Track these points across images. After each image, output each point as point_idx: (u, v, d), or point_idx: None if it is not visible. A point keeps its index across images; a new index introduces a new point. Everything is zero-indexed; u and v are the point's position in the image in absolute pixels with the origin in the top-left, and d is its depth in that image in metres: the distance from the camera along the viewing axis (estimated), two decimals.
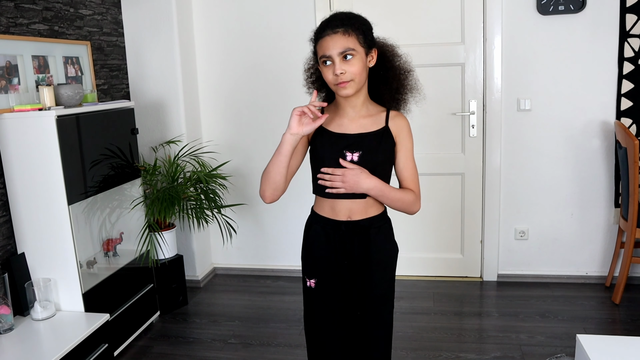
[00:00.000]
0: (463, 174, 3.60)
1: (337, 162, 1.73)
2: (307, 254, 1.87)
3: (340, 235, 1.79)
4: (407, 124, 1.80)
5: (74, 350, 2.32)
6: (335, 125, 1.77)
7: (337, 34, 1.63)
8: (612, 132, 3.41)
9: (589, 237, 3.57)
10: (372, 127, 1.75)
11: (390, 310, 1.89)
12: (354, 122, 1.76)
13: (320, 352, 1.88)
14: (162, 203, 3.04)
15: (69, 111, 2.52)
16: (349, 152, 1.73)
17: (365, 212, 1.78)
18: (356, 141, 1.73)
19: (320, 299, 1.85)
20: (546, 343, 2.86)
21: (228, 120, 3.78)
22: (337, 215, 1.78)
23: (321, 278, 1.84)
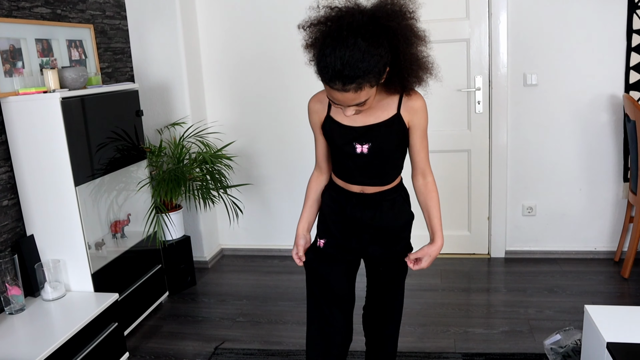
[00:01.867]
0: (469, 151, 3.58)
1: (349, 153, 1.70)
2: (321, 216, 1.88)
3: (352, 205, 1.79)
4: (421, 105, 1.68)
5: (85, 329, 2.35)
6: (344, 115, 1.68)
7: (349, 92, 1.47)
8: (620, 106, 3.37)
9: (597, 212, 3.55)
10: (383, 116, 1.66)
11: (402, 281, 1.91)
12: (363, 112, 1.67)
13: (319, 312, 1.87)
14: (168, 184, 3.05)
15: (73, 93, 2.52)
16: (358, 144, 1.68)
17: (379, 188, 1.78)
18: (365, 133, 1.67)
19: (327, 255, 1.85)
20: (554, 317, 2.85)
21: (232, 101, 3.77)
22: (350, 188, 1.79)
23: (330, 239, 1.84)
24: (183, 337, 2.85)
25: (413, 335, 2.74)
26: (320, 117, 1.75)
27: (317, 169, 1.90)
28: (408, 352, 2.58)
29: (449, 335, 2.74)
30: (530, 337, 2.67)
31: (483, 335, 2.71)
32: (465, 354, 2.55)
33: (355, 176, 1.75)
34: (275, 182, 3.83)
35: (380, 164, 1.73)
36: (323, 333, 1.89)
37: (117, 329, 2.56)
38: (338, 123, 1.71)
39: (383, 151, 1.70)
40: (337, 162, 1.78)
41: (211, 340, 2.80)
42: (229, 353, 2.67)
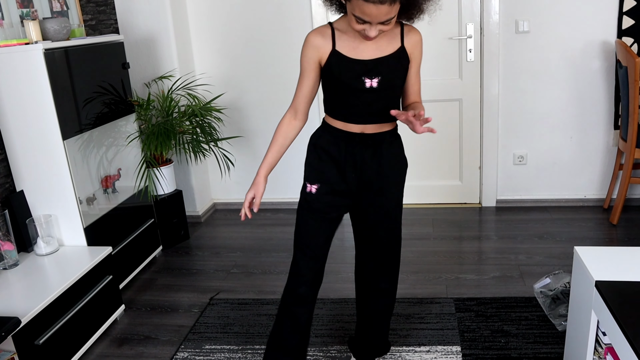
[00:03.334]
0: (461, 100, 3.56)
1: (357, 88, 1.67)
2: (315, 160, 1.82)
3: (352, 146, 1.76)
4: (420, 38, 1.73)
5: (79, 282, 2.36)
6: (350, 49, 1.66)
7: (385, 4, 1.47)
8: (612, 52, 3.34)
9: (588, 160, 3.56)
10: (389, 49, 1.67)
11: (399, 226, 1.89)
12: (370, 44, 1.66)
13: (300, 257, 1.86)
14: (158, 137, 3.01)
15: (56, 44, 2.46)
16: (367, 79, 1.66)
17: (379, 128, 1.76)
18: (374, 66, 1.66)
19: (318, 203, 1.81)
20: (544, 262, 2.90)
21: (221, 52, 3.70)
22: (349, 128, 1.75)
23: (324, 185, 1.80)
24: (178, 289, 2.88)
25: (406, 282, 2.78)
26: (321, 53, 1.69)
27: (290, 111, 1.81)
28: (401, 298, 2.62)
29: (441, 281, 2.78)
30: (521, 282, 2.72)
31: (474, 281, 2.76)
32: (457, 299, 2.59)
33: (358, 114, 1.72)
34: (266, 134, 3.80)
35: (387, 99, 1.71)
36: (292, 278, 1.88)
37: (112, 282, 2.58)
38: (346, 57, 1.66)
39: (392, 85, 1.69)
40: (339, 101, 1.73)
41: (206, 292, 2.83)
42: (224, 303, 2.70)
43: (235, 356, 2.29)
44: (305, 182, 1.86)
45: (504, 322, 2.39)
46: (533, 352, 2.19)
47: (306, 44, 1.71)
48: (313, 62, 1.71)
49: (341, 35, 1.67)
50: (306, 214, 1.84)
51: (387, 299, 1.99)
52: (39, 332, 2.11)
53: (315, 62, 1.71)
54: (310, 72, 1.73)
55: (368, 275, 1.96)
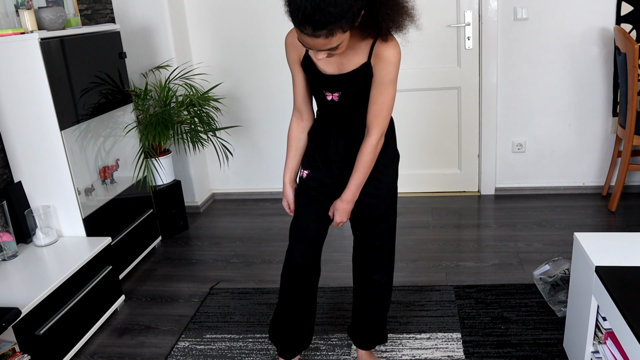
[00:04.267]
0: (459, 88, 3.55)
1: (320, 97, 1.72)
2: (308, 148, 1.89)
3: (333, 136, 1.79)
4: (390, 54, 1.56)
5: (79, 272, 2.35)
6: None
7: (320, 37, 1.40)
8: (611, 39, 3.33)
9: (586, 147, 3.56)
10: (350, 65, 1.60)
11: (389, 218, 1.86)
12: (335, 58, 1.62)
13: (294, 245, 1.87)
14: (156, 127, 3.00)
15: (52, 34, 2.44)
16: (328, 93, 1.68)
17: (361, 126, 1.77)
18: (334, 82, 1.65)
19: (307, 186, 1.86)
20: (543, 250, 2.90)
21: (218, 41, 3.68)
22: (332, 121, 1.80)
23: (313, 170, 1.85)
24: (178, 279, 2.88)
25: (405, 270, 2.79)
26: (299, 52, 1.71)
27: (296, 113, 1.85)
28: (401, 286, 2.63)
29: (440, 269, 2.78)
30: (520, 269, 2.73)
31: (474, 269, 2.76)
32: (457, 286, 2.60)
33: (331, 120, 1.77)
34: (264, 124, 3.79)
35: (353, 110, 1.71)
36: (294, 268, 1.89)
37: (111, 272, 2.57)
38: (313, 66, 1.67)
39: (353, 100, 1.68)
40: (316, 102, 1.79)
41: (206, 282, 2.83)
42: (224, 292, 2.70)
43: (236, 345, 2.29)
44: (301, 168, 1.92)
45: (503, 308, 2.40)
46: (533, 338, 2.19)
47: (286, 45, 1.73)
48: (295, 62, 1.74)
49: None
50: (299, 198, 1.89)
51: (380, 291, 1.97)
52: (39, 322, 2.10)
53: (297, 61, 1.73)
54: (298, 71, 1.76)
55: (362, 267, 1.95)
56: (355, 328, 2.06)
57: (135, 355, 2.28)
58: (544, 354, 2.10)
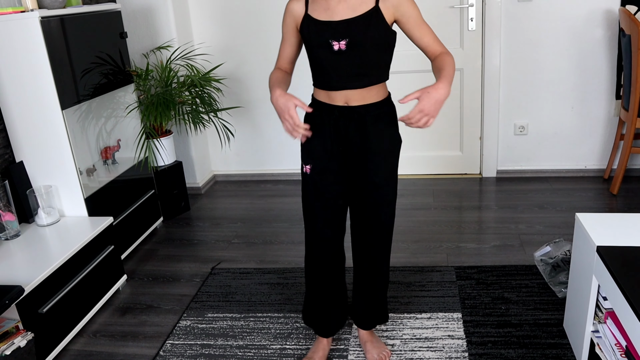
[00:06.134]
0: (462, 70, 3.52)
1: (326, 52, 1.65)
2: (305, 139, 1.83)
3: (334, 120, 1.75)
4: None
5: (81, 252, 2.36)
6: (321, 10, 1.65)
7: None
8: (615, 21, 3.30)
9: (589, 130, 3.55)
10: (361, 9, 1.62)
11: (390, 202, 1.86)
12: (341, 3, 1.63)
13: (315, 238, 1.90)
14: (157, 108, 2.99)
15: (53, 12, 2.42)
16: (335, 41, 1.63)
17: (363, 99, 1.72)
18: (342, 28, 1.62)
19: (314, 184, 1.83)
20: (544, 232, 2.91)
21: (220, 21, 3.65)
22: (333, 100, 1.74)
23: (315, 164, 1.82)
24: (179, 260, 2.89)
25: (407, 251, 2.80)
26: (296, 18, 1.72)
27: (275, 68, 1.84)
28: (402, 267, 2.64)
29: (441, 250, 2.79)
30: (521, 251, 2.73)
31: (475, 250, 2.77)
32: (458, 267, 2.61)
33: (335, 80, 1.69)
34: (266, 105, 3.77)
35: (360, 62, 1.66)
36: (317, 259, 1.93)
37: (113, 252, 2.58)
38: (315, 20, 1.66)
39: (362, 47, 1.63)
40: (317, 66, 1.72)
41: (207, 262, 2.85)
42: (225, 272, 2.71)
43: (237, 324, 2.31)
44: (301, 163, 1.87)
45: (504, 289, 2.41)
46: (533, 318, 2.20)
47: (285, 10, 1.75)
48: (291, 28, 1.76)
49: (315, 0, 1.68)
50: (310, 197, 1.86)
51: (382, 271, 1.98)
52: (42, 301, 2.12)
53: (293, 27, 1.76)
54: (290, 37, 1.79)
55: (360, 251, 1.95)
56: (356, 308, 2.07)
57: (138, 334, 2.30)
58: (544, 333, 2.11)
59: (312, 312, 2.05)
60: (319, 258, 1.93)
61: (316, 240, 1.90)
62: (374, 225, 1.87)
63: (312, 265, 1.96)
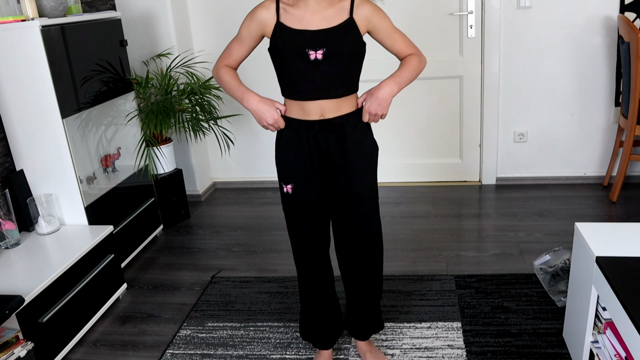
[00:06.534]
0: (461, 77, 3.53)
1: (301, 61, 1.65)
2: (281, 159, 1.81)
3: (313, 135, 1.73)
4: (373, 6, 1.69)
5: (81, 261, 2.36)
6: (296, 20, 1.65)
7: None
8: (614, 28, 3.31)
9: (588, 137, 3.55)
10: (336, 20, 1.64)
11: (375, 211, 1.86)
12: (316, 14, 1.64)
13: (303, 256, 1.91)
14: (157, 116, 3.00)
15: (53, 21, 2.43)
16: (311, 50, 1.63)
17: (339, 110, 1.72)
18: (319, 38, 1.63)
19: (298, 204, 1.83)
20: (544, 240, 2.91)
21: (220, 29, 3.66)
22: (309, 115, 1.71)
23: (297, 183, 1.80)
24: (179, 268, 2.89)
25: (406, 260, 2.80)
26: (265, 27, 1.70)
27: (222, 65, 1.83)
28: (401, 275, 2.64)
29: (441, 259, 2.79)
30: (520, 259, 2.73)
31: (474, 258, 2.77)
32: (457, 275, 2.61)
33: (311, 91, 1.68)
34: None
35: (336, 72, 1.66)
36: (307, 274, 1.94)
37: (113, 261, 2.58)
38: (290, 29, 1.65)
39: (338, 56, 1.64)
40: (290, 78, 1.70)
41: (207, 270, 2.85)
42: (225, 281, 2.72)
43: (237, 333, 2.31)
44: (280, 182, 1.85)
45: (503, 298, 2.41)
46: (533, 327, 2.21)
47: (250, 15, 1.72)
48: (255, 33, 1.73)
49: (286, 7, 1.67)
50: (294, 216, 1.86)
51: (372, 285, 1.96)
52: (42, 310, 2.12)
53: (256, 33, 1.73)
54: (249, 41, 1.77)
55: (350, 263, 1.93)
56: (351, 319, 2.06)
57: (138, 343, 2.30)
58: (543, 343, 2.11)
59: (309, 327, 2.05)
60: (309, 273, 1.94)
61: (305, 257, 1.91)
62: (364, 235, 1.86)
63: (304, 281, 1.96)
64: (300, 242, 1.89)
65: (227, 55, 1.82)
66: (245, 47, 1.79)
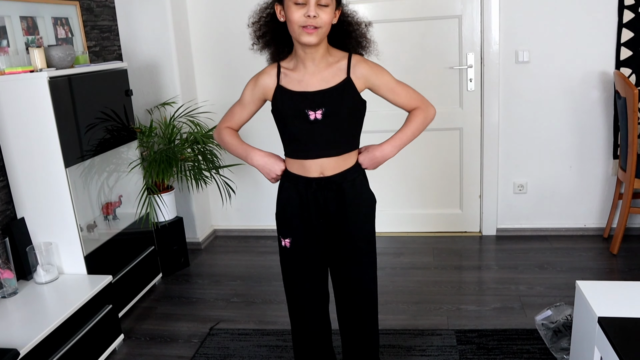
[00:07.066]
0: (461, 129, 3.58)
1: (301, 122, 1.69)
2: (281, 213, 1.83)
3: (312, 192, 1.75)
4: (370, 64, 1.72)
5: (79, 312, 2.34)
6: (295, 82, 1.71)
7: None
8: (611, 83, 3.37)
9: (587, 189, 3.57)
10: (334, 80, 1.68)
11: (373, 264, 1.86)
12: (315, 76, 1.69)
13: (299, 311, 1.90)
14: (160, 165, 3.02)
15: (61, 72, 2.48)
16: (311, 111, 1.67)
17: (338, 167, 1.74)
18: (317, 98, 1.67)
19: (296, 258, 1.83)
20: (545, 293, 2.89)
21: (223, 79, 3.73)
22: (308, 172, 1.74)
23: (295, 237, 1.81)
24: (178, 318, 2.86)
25: (406, 313, 2.77)
26: (266, 90, 1.76)
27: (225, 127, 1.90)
28: (402, 330, 2.61)
29: (441, 312, 2.76)
30: (522, 313, 2.71)
31: (475, 312, 2.74)
32: (458, 330, 2.58)
33: (311, 150, 1.71)
34: None
35: (336, 131, 1.70)
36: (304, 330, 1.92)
37: (111, 311, 2.56)
38: (290, 91, 1.70)
39: (337, 116, 1.68)
40: (291, 137, 1.75)
41: (206, 321, 2.81)
42: (224, 333, 2.68)
43: None
44: (278, 235, 1.87)
45: (505, 355, 2.37)
46: None
47: (253, 80, 1.80)
48: (257, 97, 1.80)
49: (287, 72, 1.73)
50: (292, 270, 1.86)
51: (368, 339, 1.94)
52: None
53: (258, 97, 1.80)
54: (251, 105, 1.83)
55: (346, 316, 1.92)
56: None
57: None
58: None
59: None
60: (306, 329, 1.91)
61: (302, 313, 1.89)
62: (359, 288, 1.85)
63: (300, 337, 1.94)
64: (297, 296, 1.88)
65: (229, 118, 1.87)
66: (247, 111, 1.84)
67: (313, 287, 1.86)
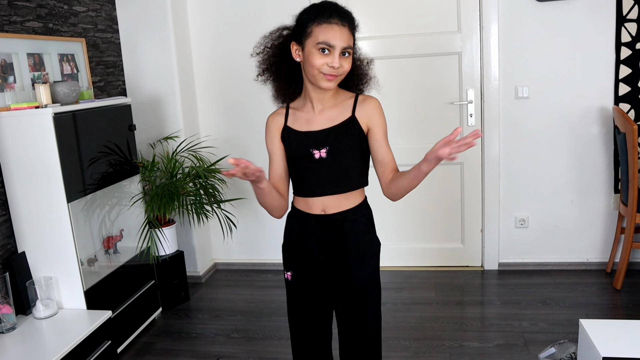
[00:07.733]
0: (462, 164, 3.59)
1: (307, 160, 1.71)
2: (285, 246, 1.86)
3: (312, 228, 1.76)
4: (376, 105, 1.72)
5: (77, 348, 2.32)
6: (302, 122, 1.73)
7: (345, 27, 1.60)
8: (610, 118, 3.40)
9: (589, 223, 3.57)
10: (339, 119, 1.71)
11: (376, 307, 1.84)
12: (321, 115, 1.72)
13: (300, 344, 1.88)
14: (162, 199, 3.03)
15: (65, 108, 2.51)
16: (315, 150, 1.69)
17: (340, 205, 1.74)
18: (321, 137, 1.70)
19: (296, 291, 1.84)
20: (548, 330, 2.86)
21: (226, 114, 3.77)
22: (311, 209, 1.75)
23: (296, 271, 1.83)
24: (177, 354, 2.83)
25: (408, 350, 2.74)
26: (277, 132, 1.77)
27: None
28: None
29: (443, 349, 2.73)
30: (525, 351, 2.67)
31: (478, 349, 2.71)
32: None
33: (316, 188, 1.73)
34: None
35: (340, 169, 1.71)
36: None
37: (110, 347, 2.53)
38: (296, 131, 1.73)
39: (341, 154, 1.70)
40: (297, 175, 1.77)
41: (206, 357, 2.78)
42: None
43: None
44: (283, 269, 1.88)
45: None
46: None
47: (266, 127, 1.81)
48: (277, 140, 1.78)
49: (295, 112, 1.76)
50: (293, 304, 1.86)
51: None
52: None
53: (277, 140, 1.78)
54: (277, 151, 1.79)
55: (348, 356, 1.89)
56: None
57: None
58: None
59: None
60: None
61: (303, 348, 1.88)
62: (361, 328, 1.83)
63: None
64: (298, 330, 1.87)
65: (273, 175, 1.81)
66: (278, 160, 1.79)
67: (314, 323, 1.85)
